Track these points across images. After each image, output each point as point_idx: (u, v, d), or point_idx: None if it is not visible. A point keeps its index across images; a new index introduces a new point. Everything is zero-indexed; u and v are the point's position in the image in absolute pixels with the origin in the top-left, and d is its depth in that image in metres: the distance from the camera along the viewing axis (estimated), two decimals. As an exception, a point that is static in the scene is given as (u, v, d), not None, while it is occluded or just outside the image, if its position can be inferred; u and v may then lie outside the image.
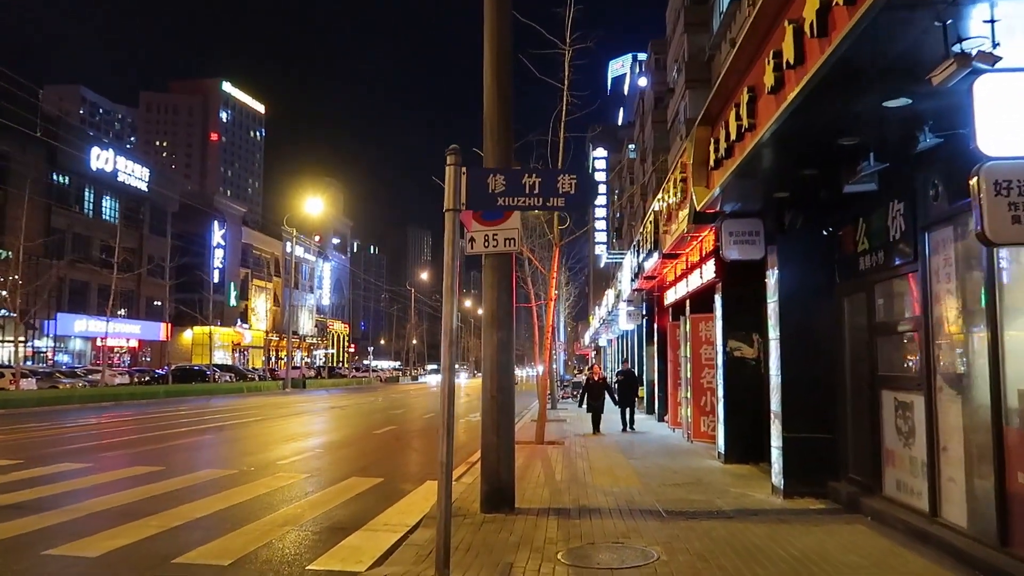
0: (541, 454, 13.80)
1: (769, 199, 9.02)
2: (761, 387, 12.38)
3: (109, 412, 26.16)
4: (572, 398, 34.06)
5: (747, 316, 12.72)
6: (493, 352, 8.19)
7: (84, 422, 21.83)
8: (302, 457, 13.84)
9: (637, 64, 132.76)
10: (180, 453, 14.39)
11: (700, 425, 15.78)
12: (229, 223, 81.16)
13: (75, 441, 16.40)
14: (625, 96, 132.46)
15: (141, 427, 20.13)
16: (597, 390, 18.68)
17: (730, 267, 12.48)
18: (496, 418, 8.13)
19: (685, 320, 16.71)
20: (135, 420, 22.65)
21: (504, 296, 8.27)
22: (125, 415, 24.74)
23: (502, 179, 5.97)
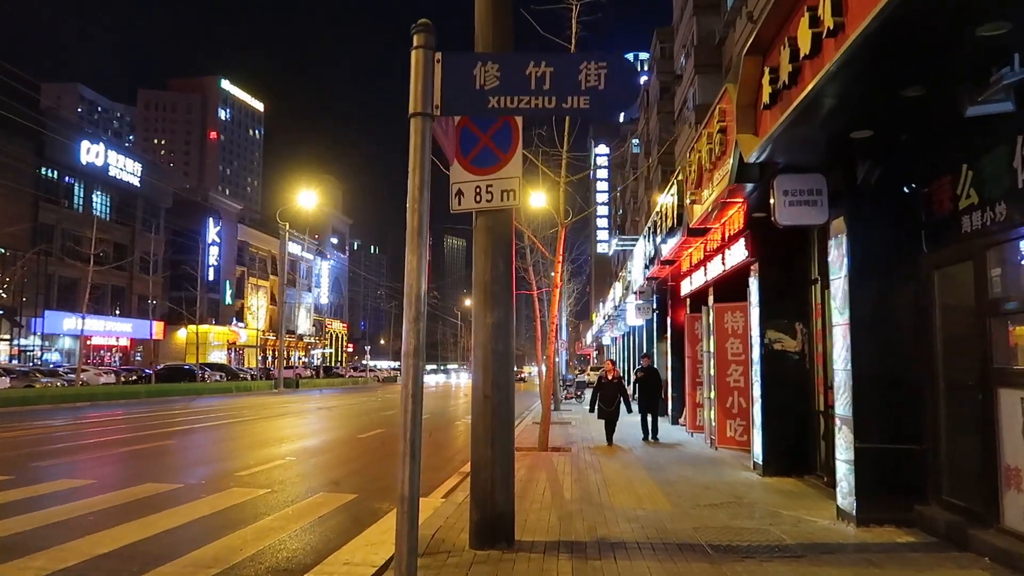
0: (545, 464, 11.88)
1: (838, 145, 7.09)
2: (806, 385, 10.50)
3: (77, 414, 24.24)
4: (576, 399, 32.10)
5: (788, 302, 10.81)
6: (486, 338, 6.28)
7: (39, 424, 19.90)
8: (268, 467, 11.91)
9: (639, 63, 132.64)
10: (125, 463, 12.46)
11: (726, 430, 13.85)
12: (225, 220, 79.40)
13: (7, 448, 14.46)
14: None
15: (99, 431, 18.20)
16: (611, 392, 15.47)
17: (768, 244, 10.58)
18: (490, 425, 6.21)
19: (707, 311, 14.77)
20: (98, 423, 20.72)
21: (501, 265, 6.36)
22: (91, 417, 22.82)
23: (495, 68, 4.05)
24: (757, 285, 10.89)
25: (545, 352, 15.73)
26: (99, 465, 11.95)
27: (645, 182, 65.26)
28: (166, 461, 12.95)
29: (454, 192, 6.45)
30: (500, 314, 6.29)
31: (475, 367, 6.34)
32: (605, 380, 15.74)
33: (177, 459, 13.22)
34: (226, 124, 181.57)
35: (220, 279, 79.52)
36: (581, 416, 23.40)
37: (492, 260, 6.35)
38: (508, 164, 6.31)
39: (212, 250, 78.29)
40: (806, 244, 10.76)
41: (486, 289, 6.32)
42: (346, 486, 10.16)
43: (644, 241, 18.33)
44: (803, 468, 10.54)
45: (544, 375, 15.65)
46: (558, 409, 25.98)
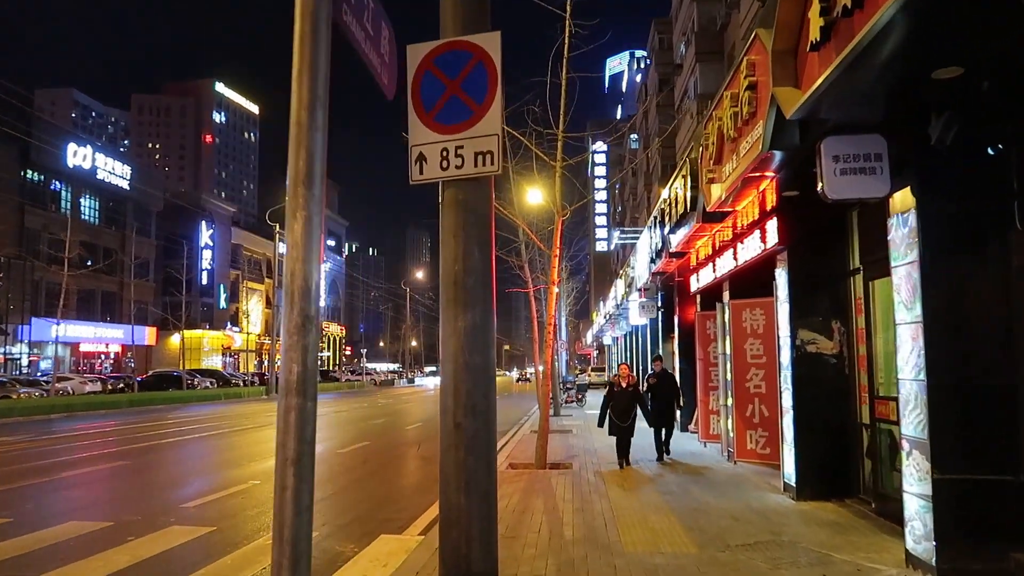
0: (543, 487, 10.35)
1: (908, 94, 5.56)
2: (847, 393, 8.98)
3: (43, 428, 22.69)
4: (576, 402, 30.53)
5: (823, 297, 9.29)
6: (457, 348, 4.74)
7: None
8: (224, 495, 10.37)
9: (635, 60, 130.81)
10: (58, 493, 10.90)
11: (746, 441, 12.31)
12: (218, 223, 77.96)
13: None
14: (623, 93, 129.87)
15: (51, 450, 16.62)
16: (625, 403, 12.50)
17: (800, 229, 9.07)
18: (464, 464, 4.67)
19: (723, 308, 13.24)
20: (57, 439, 19.15)
21: (476, 252, 4.82)
22: (54, 433, 21.27)
23: None
24: (786, 277, 9.36)
25: (542, 354, 14.05)
26: (26, 497, 10.39)
27: (645, 177, 63.78)
28: (107, 490, 11.37)
29: (414, 158, 4.92)
30: (476, 316, 4.75)
31: (443, 386, 4.80)
32: (618, 388, 12.69)
33: (122, 486, 11.62)
34: (221, 127, 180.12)
35: (214, 283, 78.14)
36: (583, 422, 21.88)
37: (465, 246, 4.81)
38: (484, 118, 4.78)
39: (205, 254, 76.98)
40: (844, 228, 9.24)
41: (457, 283, 4.77)
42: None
43: (649, 233, 16.79)
44: (844, 490, 9.01)
45: (541, 379, 14.02)
46: (558, 414, 24.44)
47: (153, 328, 68.46)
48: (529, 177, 15.41)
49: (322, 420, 18.33)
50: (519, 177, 15.52)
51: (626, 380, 12.72)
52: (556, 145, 12.63)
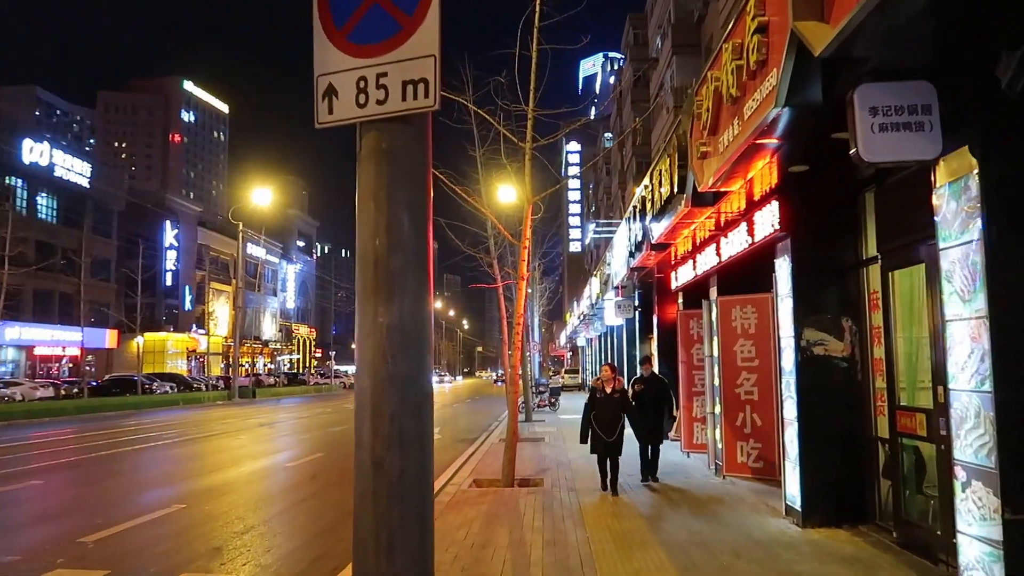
0: (509, 510, 9.00)
1: (965, 26, 4.30)
2: (860, 401, 7.75)
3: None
4: (549, 406, 29.18)
5: (832, 291, 8.06)
6: (377, 352, 3.37)
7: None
8: (136, 524, 8.88)
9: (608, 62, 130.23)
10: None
11: (736, 454, 11.08)
12: (183, 223, 75.77)
13: None
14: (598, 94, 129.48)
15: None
16: (611, 413, 10.27)
17: (805, 212, 7.84)
18: (386, 516, 3.30)
19: (710, 306, 12.00)
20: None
21: (407, 221, 3.45)
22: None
23: None
24: (790, 269, 8.11)
25: (511, 356, 12.62)
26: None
27: (619, 176, 62.76)
28: (1, 518, 9.81)
29: (321, 92, 3.58)
30: (404, 310, 3.38)
31: (357, 408, 3.44)
32: (602, 394, 10.37)
33: (17, 514, 9.92)
34: (189, 126, 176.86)
35: (179, 284, 75.99)
36: (556, 429, 20.59)
37: (390, 212, 3.43)
38: (417, 34, 3.43)
39: (170, 254, 74.84)
40: (855, 212, 8.02)
41: (378, 264, 3.40)
42: (229, 557, 7.21)
43: (627, 226, 15.51)
44: (857, 516, 7.78)
45: (510, 383, 12.61)
46: (529, 420, 23.12)
47: (114, 331, 66.15)
48: (497, 164, 14.11)
49: (280, 428, 16.93)
50: (487, 164, 14.24)
51: (611, 384, 10.39)
52: (526, 125, 11.31)
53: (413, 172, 3.53)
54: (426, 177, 3.57)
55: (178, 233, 74.52)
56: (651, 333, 19.72)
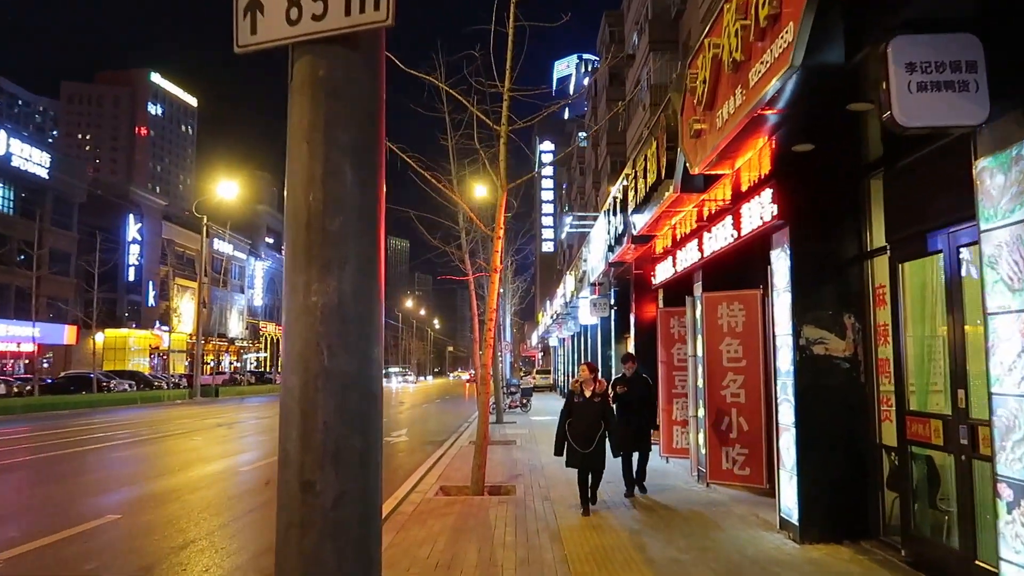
0: (479, 524, 8.23)
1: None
2: (863, 405, 7.09)
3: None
4: (521, 407, 28.39)
5: (833, 285, 7.40)
6: (309, 338, 2.57)
7: None
8: (60, 539, 7.95)
9: (582, 63, 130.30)
10: None
11: (721, 460, 10.39)
12: (147, 217, 73.98)
13: None
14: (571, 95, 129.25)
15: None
16: (590, 419, 8.80)
17: (805, 199, 7.17)
18: (314, 555, 2.52)
19: (694, 303, 11.32)
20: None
21: (349, 173, 2.66)
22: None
23: None
24: (789, 261, 7.42)
25: (482, 354, 11.71)
26: None
27: (593, 175, 62.25)
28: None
29: (243, 5, 2.78)
30: (345, 283, 2.58)
31: (283, 414, 2.64)
32: (580, 399, 8.85)
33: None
34: (157, 119, 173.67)
35: (142, 279, 74.11)
36: (528, 431, 19.84)
37: (329, 159, 2.63)
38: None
39: (133, 248, 73.04)
40: (858, 199, 7.36)
41: (311, 225, 2.60)
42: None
43: (606, 219, 14.80)
44: (860, 531, 7.11)
45: (480, 383, 11.74)
46: (500, 421, 22.35)
47: (73, 327, 64.28)
48: (471, 154, 13.35)
49: (239, 429, 15.83)
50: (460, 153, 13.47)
51: (591, 387, 8.80)
52: (500, 108, 10.54)
53: (360, 109, 2.73)
54: (377, 117, 2.78)
55: (141, 227, 72.75)
56: (628, 332, 19.07)
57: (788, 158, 7.07)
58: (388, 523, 8.11)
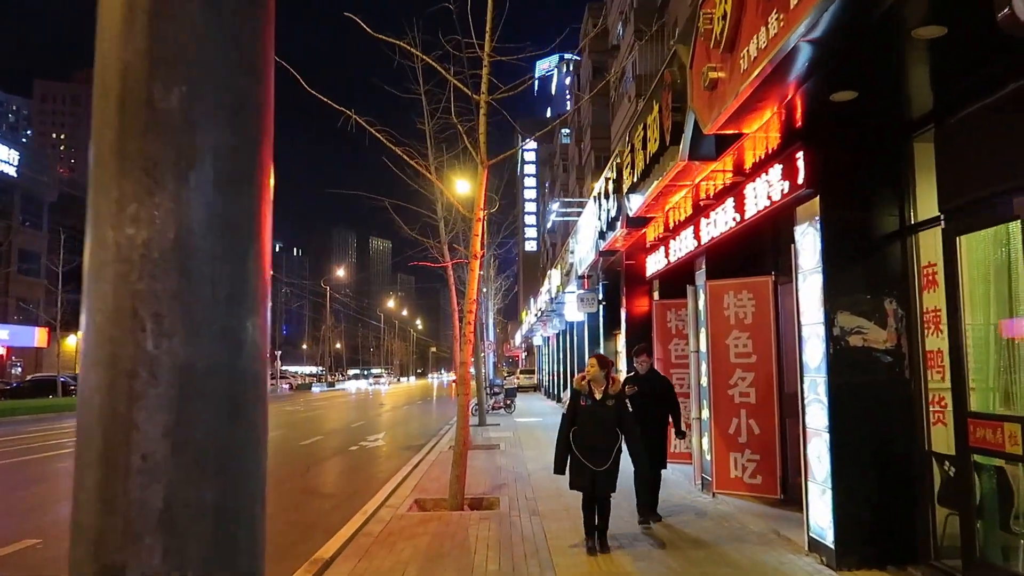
0: (456, 546, 7.07)
1: None
2: (908, 405, 5.99)
3: None
4: (505, 408, 27.20)
5: (871, 266, 6.31)
6: (119, 300, 1.40)
7: None
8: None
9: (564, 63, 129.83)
10: None
11: (729, 467, 9.32)
12: (119, 215, 72.16)
13: None
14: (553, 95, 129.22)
15: None
16: (603, 428, 6.82)
17: (837, 165, 6.07)
18: None
19: (696, 292, 10.23)
20: None
21: (199, 19, 1.48)
22: None
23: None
24: (818, 237, 6.32)
25: (462, 351, 10.38)
26: None
27: (577, 171, 61.26)
28: None
29: None
30: (187, 201, 1.43)
31: (78, 435, 1.49)
32: (589, 401, 6.82)
33: None
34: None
35: (117, 280, 72.29)
36: (512, 433, 18.72)
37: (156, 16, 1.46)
38: None
39: (106, 249, 71.15)
40: (900, 163, 6.28)
41: (127, 101, 1.44)
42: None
43: (596, 205, 13.68)
44: (907, 553, 6.02)
45: (460, 383, 10.39)
46: (483, 423, 21.18)
47: (44, 329, 62.57)
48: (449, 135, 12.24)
49: None
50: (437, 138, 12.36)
51: (602, 386, 6.77)
52: (480, 74, 9.40)
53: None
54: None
55: (115, 226, 71.06)
56: (617, 329, 17.99)
57: (820, 115, 5.97)
58: (350, 548, 6.94)
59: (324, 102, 9.93)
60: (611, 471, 6.75)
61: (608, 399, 6.75)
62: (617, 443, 6.72)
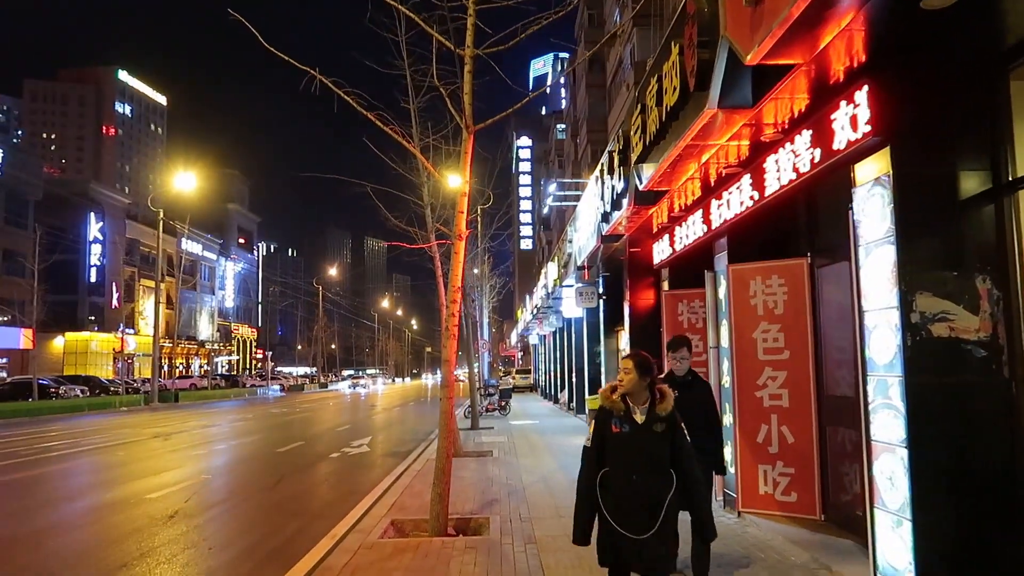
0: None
1: None
2: (1009, 412, 4.60)
3: None
4: (499, 411, 25.78)
5: (956, 236, 4.95)
6: None
7: None
8: None
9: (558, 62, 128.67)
10: None
11: (758, 482, 7.95)
12: (110, 215, 70.70)
13: None
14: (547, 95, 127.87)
15: None
16: (649, 466, 4.05)
17: (918, 105, 4.71)
18: None
19: (717, 279, 8.86)
20: None
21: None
22: None
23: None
24: (888, 198, 4.96)
25: (445, 347, 8.68)
26: None
27: (572, 167, 59.89)
28: None
29: None
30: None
31: None
32: (626, 426, 4.10)
33: None
34: (124, 118, 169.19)
35: (105, 281, 70.76)
36: (506, 438, 17.34)
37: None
38: None
39: (94, 248, 69.74)
40: (992, 106, 4.91)
41: None
42: None
43: (597, 185, 12.30)
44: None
45: (444, 386, 8.75)
46: (475, 427, 19.80)
47: (29, 330, 61.00)
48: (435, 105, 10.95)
49: (177, 440, 11.93)
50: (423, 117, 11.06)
51: (645, 402, 4.12)
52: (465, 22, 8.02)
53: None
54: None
55: (103, 226, 69.46)
56: (618, 325, 16.67)
57: (890, 44, 4.63)
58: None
59: (286, 61, 8.54)
60: (664, 536, 4.02)
61: (656, 421, 4.06)
62: (670, 490, 4.04)
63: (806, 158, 5.80)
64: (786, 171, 6.24)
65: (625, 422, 4.08)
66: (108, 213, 70.53)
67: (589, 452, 4.14)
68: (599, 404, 4.18)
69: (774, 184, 6.55)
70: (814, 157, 5.60)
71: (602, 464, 4.09)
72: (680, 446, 4.10)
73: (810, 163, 5.71)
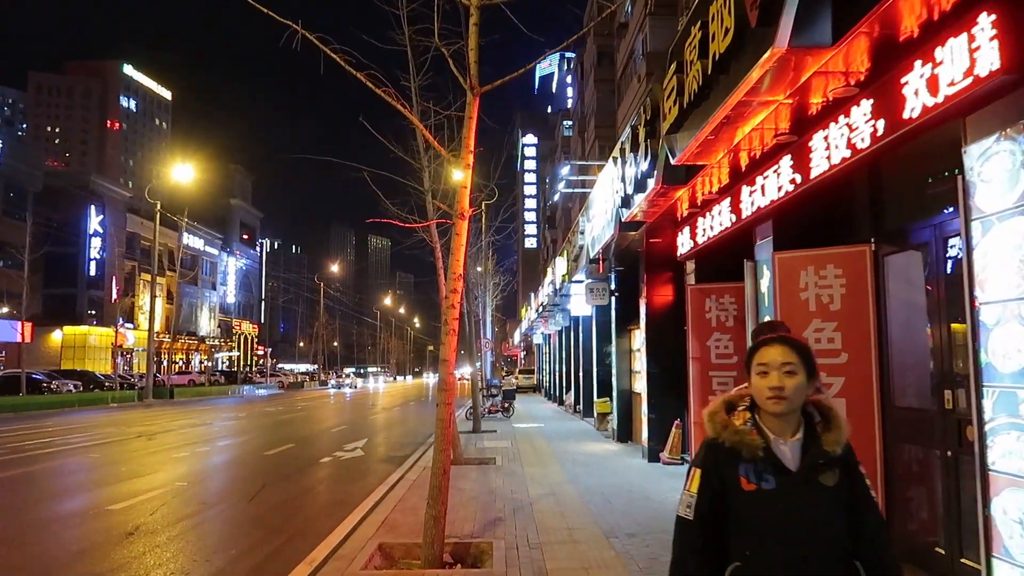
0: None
1: None
2: None
3: None
4: (502, 412, 24.58)
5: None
6: None
7: None
8: None
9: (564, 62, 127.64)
10: None
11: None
12: (110, 208, 69.72)
13: None
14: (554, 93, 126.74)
15: None
16: (817, 542, 2.05)
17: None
18: None
19: (759, 269, 7.69)
20: None
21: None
22: None
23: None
24: (1020, 154, 3.79)
25: (444, 344, 7.36)
26: None
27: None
28: None
29: None
30: None
31: None
32: (773, 480, 2.10)
33: None
34: (129, 112, 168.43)
35: (104, 274, 69.77)
36: (510, 443, 16.21)
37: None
38: None
39: (94, 241, 68.78)
40: None
41: None
42: None
43: (617, 167, 11.10)
44: None
45: (441, 388, 7.41)
46: (477, 431, 18.65)
47: (27, 323, 60.10)
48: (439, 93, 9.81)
49: (161, 440, 10.58)
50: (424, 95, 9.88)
51: (797, 432, 2.15)
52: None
53: None
54: None
55: (103, 219, 68.50)
56: (632, 323, 15.49)
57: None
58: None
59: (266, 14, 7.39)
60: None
61: (823, 464, 2.14)
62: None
63: (895, 117, 4.62)
64: (864, 131, 5.06)
65: (767, 471, 2.14)
66: (109, 206, 69.60)
67: (691, 530, 2.20)
68: (709, 438, 2.29)
69: (843, 151, 5.37)
70: (914, 108, 4.42)
71: (723, 551, 2.17)
72: (866, 508, 2.17)
73: (921, 109, 4.47)
